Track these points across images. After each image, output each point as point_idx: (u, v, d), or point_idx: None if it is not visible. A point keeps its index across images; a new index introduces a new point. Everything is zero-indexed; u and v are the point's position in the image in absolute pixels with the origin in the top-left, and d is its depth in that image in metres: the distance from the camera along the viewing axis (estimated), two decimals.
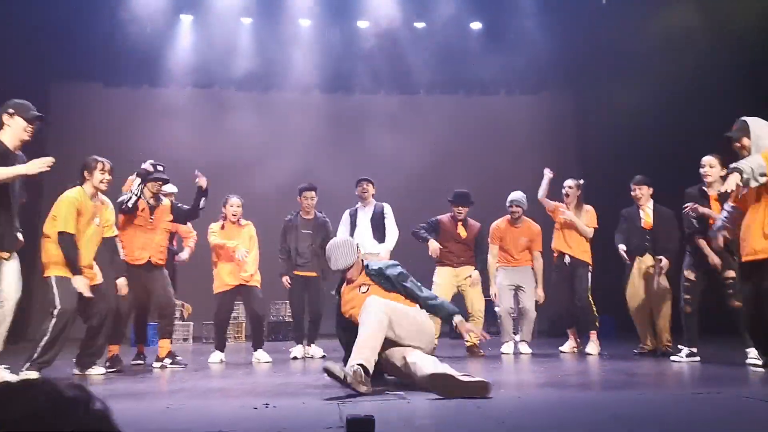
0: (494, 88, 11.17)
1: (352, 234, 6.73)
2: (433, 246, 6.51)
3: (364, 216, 6.82)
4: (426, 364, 3.85)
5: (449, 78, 10.93)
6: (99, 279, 5.15)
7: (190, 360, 6.36)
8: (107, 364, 5.38)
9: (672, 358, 5.62)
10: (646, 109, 8.72)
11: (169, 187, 6.28)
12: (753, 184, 4.31)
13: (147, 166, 5.69)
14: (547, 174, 6.66)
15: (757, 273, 4.46)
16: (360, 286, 4.39)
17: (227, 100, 10.66)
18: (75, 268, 4.80)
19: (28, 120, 4.54)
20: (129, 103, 10.30)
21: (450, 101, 11.13)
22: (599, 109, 10.01)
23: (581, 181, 6.75)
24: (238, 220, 6.46)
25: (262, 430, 2.84)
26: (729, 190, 4.33)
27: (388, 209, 6.86)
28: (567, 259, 6.60)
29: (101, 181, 5.08)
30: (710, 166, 5.47)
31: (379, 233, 6.76)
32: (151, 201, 5.80)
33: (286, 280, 6.62)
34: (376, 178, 7.97)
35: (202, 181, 5.90)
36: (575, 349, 6.61)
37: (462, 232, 6.66)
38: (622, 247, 6.34)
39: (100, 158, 5.12)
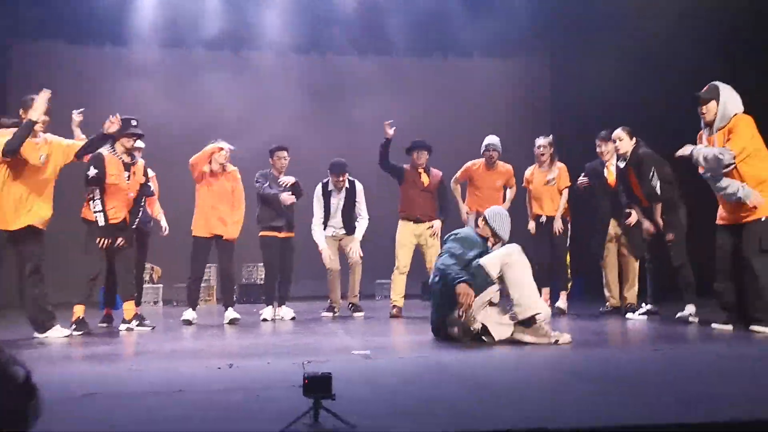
0: (470, 51, 11.06)
1: (327, 217, 6.73)
2: (285, 196, 6.37)
3: (338, 201, 6.77)
4: None
5: (425, 40, 10.79)
6: (41, 223, 5.09)
7: (160, 323, 6.31)
8: (73, 326, 5.30)
9: (627, 315, 5.82)
10: (621, 73, 8.70)
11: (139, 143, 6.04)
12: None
13: (110, 127, 5.46)
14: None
15: (736, 234, 4.62)
16: None
17: (195, 60, 10.39)
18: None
19: None
20: (94, 62, 9.96)
21: (426, 64, 11.00)
22: (574, 72, 9.95)
23: (551, 137, 6.73)
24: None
25: (224, 388, 2.83)
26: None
27: (360, 190, 6.81)
28: (543, 219, 6.63)
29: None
30: (620, 139, 5.67)
31: (351, 215, 6.76)
32: (125, 158, 5.63)
33: (285, 196, 6.37)
34: (351, 141, 7.90)
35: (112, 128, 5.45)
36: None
37: (425, 179, 6.63)
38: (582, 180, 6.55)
39: (36, 96, 5.04)
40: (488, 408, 2.34)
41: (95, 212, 5.43)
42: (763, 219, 4.50)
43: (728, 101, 4.64)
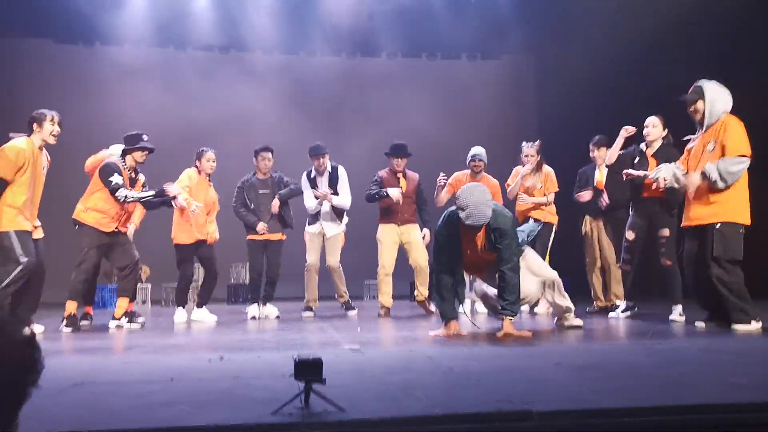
0: (458, 53, 11.17)
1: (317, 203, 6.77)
2: (394, 192, 6.53)
3: (322, 186, 6.79)
4: None
5: (413, 42, 10.87)
6: (40, 234, 5.13)
7: (149, 321, 6.33)
8: (64, 323, 5.34)
9: (610, 314, 5.85)
10: (606, 72, 8.83)
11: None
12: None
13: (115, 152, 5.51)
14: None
15: (699, 237, 4.64)
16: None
17: (185, 60, 10.43)
18: None
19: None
20: (83, 61, 9.99)
21: (413, 65, 11.09)
22: (559, 72, 10.08)
23: (539, 142, 6.81)
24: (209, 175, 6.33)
25: (215, 378, 2.88)
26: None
27: (342, 174, 6.85)
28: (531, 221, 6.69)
29: (51, 134, 5.04)
30: (653, 125, 5.57)
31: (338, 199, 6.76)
32: (132, 173, 5.69)
33: (262, 226, 6.50)
34: (337, 143, 7.91)
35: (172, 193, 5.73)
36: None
37: (403, 184, 6.67)
38: (586, 194, 6.54)
39: (49, 111, 5.05)
40: (473, 392, 2.40)
41: (133, 198, 5.50)
42: (717, 225, 4.49)
43: (715, 98, 4.65)
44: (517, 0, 9.89)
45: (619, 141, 5.79)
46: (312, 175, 6.84)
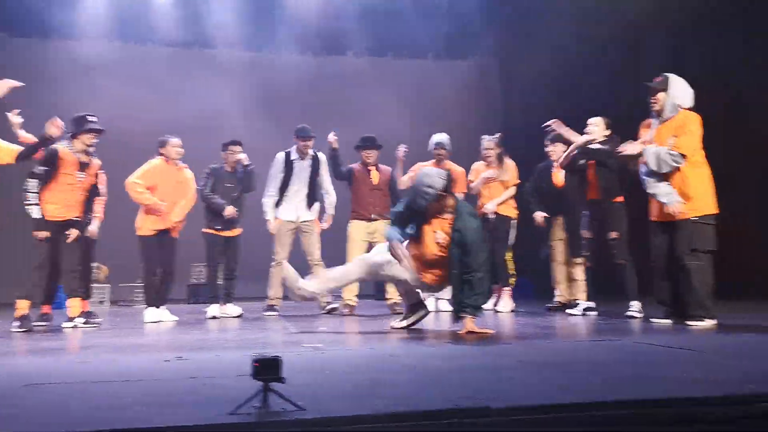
0: (422, 52, 11.20)
1: (287, 184, 6.59)
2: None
3: (301, 170, 6.65)
4: None
5: (379, 41, 10.87)
6: None
7: (107, 322, 6.16)
8: (17, 323, 5.18)
9: (567, 311, 5.92)
10: (570, 74, 8.96)
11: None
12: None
13: (49, 129, 5.20)
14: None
15: (670, 232, 4.75)
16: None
17: (145, 55, 10.23)
18: None
19: None
20: (39, 56, 9.72)
21: (379, 64, 11.08)
22: (523, 73, 10.19)
23: (498, 135, 6.83)
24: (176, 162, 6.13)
25: (172, 378, 2.82)
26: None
27: (324, 164, 6.70)
28: (491, 216, 6.72)
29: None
30: (594, 125, 5.63)
31: (314, 189, 6.66)
32: (83, 157, 5.50)
33: (231, 209, 6.37)
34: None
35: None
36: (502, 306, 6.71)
37: (375, 177, 6.61)
38: (539, 215, 6.60)
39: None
40: (434, 390, 2.39)
41: (29, 204, 5.29)
42: (693, 219, 4.62)
43: (678, 94, 4.77)
44: (483, 2, 9.97)
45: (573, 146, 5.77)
46: (291, 158, 6.69)
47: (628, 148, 4.98)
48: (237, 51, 10.48)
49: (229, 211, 6.37)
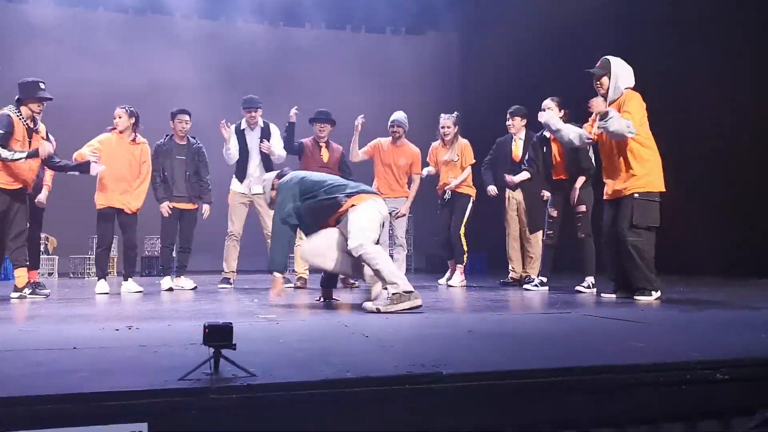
0: (380, 26, 11.12)
1: (245, 159, 6.54)
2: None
3: (252, 140, 6.59)
4: None
5: (338, 14, 10.74)
6: None
7: (55, 293, 6.03)
8: None
9: (525, 286, 6.03)
10: (530, 51, 9.02)
11: None
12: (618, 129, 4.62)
13: None
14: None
15: (616, 209, 4.86)
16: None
17: (96, 21, 9.90)
18: None
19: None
20: None
21: (337, 37, 10.97)
22: (482, 50, 10.23)
23: (456, 114, 6.86)
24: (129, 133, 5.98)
25: (122, 346, 2.77)
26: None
27: (275, 130, 6.66)
28: (447, 195, 6.78)
29: None
30: (548, 108, 5.69)
31: (268, 159, 6.60)
32: (30, 123, 5.33)
33: (166, 206, 6.31)
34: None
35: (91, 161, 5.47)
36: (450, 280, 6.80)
37: (325, 155, 6.56)
38: (491, 189, 6.68)
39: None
40: (384, 357, 2.41)
41: (18, 158, 5.13)
42: (635, 195, 4.71)
43: (620, 75, 4.84)
44: None
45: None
46: (241, 128, 6.60)
47: (597, 104, 4.91)
48: (191, 19, 10.24)
49: (165, 209, 6.31)
